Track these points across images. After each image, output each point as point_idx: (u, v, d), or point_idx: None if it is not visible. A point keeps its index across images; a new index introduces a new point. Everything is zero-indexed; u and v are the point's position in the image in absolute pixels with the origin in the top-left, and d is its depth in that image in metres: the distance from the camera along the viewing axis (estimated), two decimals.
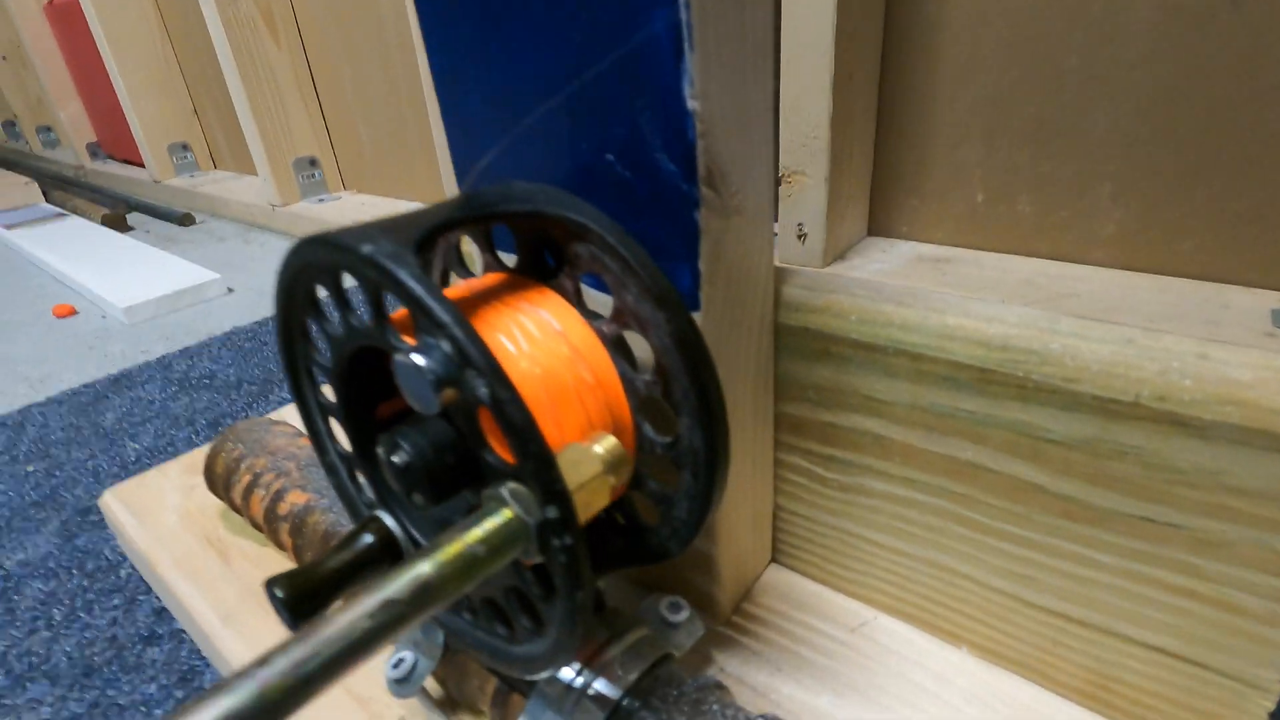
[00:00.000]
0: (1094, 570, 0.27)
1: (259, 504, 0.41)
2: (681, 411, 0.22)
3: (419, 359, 0.18)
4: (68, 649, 0.46)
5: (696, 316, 0.26)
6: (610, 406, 0.22)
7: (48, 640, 0.47)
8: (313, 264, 0.21)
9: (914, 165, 0.43)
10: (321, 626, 0.15)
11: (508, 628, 0.24)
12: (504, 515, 0.18)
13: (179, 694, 0.43)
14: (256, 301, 1.03)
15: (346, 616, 0.15)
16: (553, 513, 0.17)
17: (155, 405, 0.77)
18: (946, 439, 0.29)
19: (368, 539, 0.26)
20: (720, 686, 0.27)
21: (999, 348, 0.26)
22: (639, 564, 0.28)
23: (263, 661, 0.14)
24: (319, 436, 0.28)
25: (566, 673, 0.26)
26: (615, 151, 0.24)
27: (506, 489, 0.18)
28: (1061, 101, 0.35)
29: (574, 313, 0.23)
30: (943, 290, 0.29)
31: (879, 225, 0.47)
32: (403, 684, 0.30)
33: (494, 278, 0.25)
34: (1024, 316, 0.26)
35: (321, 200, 1.28)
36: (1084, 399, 0.25)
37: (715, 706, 0.25)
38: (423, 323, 0.18)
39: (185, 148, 1.59)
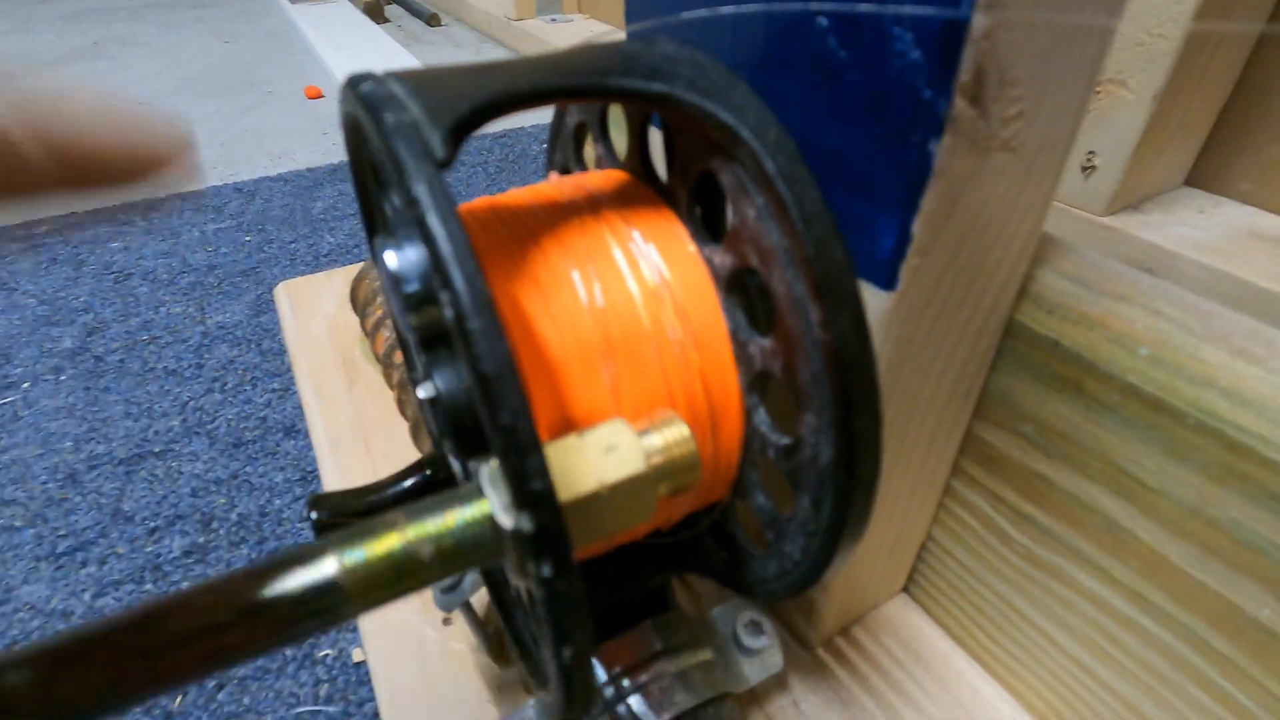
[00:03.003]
0: None
1: (382, 343, 0.39)
2: (806, 405, 0.15)
3: (391, 256, 0.12)
4: (229, 416, 0.51)
5: (886, 298, 0.17)
6: (704, 375, 0.15)
7: (219, 403, 0.53)
8: (350, 115, 0.15)
9: None
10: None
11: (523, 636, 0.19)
12: (476, 509, 0.12)
13: (299, 490, 0.46)
14: None
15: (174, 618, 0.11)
16: (525, 523, 0.11)
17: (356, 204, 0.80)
18: (1236, 578, 0.18)
19: (427, 477, 0.22)
20: None
21: None
22: (734, 590, 0.22)
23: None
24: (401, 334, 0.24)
25: (602, 671, 0.22)
26: (830, 12, 0.15)
27: (487, 470, 0.12)
28: None
29: (682, 235, 0.16)
30: None
31: (1205, 174, 0.32)
32: (448, 592, 0.28)
33: (597, 178, 0.18)
34: None
35: (554, 21, 1.24)
36: None
37: None
38: (400, 204, 0.12)
39: None
